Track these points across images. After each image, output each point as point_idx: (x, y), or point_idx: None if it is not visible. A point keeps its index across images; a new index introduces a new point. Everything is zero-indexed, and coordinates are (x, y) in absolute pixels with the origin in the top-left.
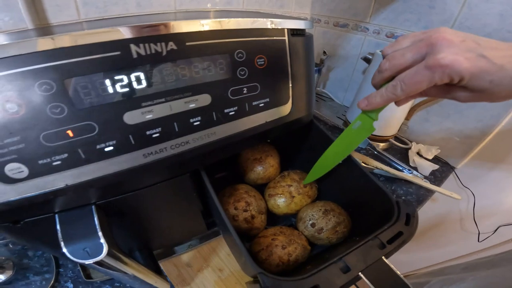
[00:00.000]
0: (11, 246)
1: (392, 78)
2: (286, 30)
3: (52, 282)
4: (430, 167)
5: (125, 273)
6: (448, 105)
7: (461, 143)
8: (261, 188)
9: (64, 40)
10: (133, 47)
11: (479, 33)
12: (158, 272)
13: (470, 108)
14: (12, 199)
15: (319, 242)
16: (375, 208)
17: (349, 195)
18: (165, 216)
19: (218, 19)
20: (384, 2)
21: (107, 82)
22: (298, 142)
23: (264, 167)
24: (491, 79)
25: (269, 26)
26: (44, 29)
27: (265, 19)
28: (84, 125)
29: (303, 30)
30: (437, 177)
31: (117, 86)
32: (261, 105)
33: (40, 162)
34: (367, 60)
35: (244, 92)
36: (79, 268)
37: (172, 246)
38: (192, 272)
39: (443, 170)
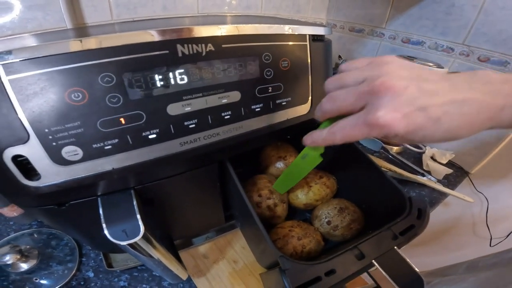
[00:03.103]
0: (35, 235)
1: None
2: (307, 36)
3: (74, 271)
4: (443, 171)
5: (152, 257)
6: None
7: (476, 148)
8: None
9: (125, 38)
10: (179, 47)
11: (495, 39)
12: (179, 260)
13: None
14: (63, 180)
15: (334, 239)
16: (388, 204)
17: (364, 192)
18: (190, 206)
19: (250, 24)
20: (401, 8)
21: (156, 77)
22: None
23: (286, 165)
24: (424, 134)
25: (292, 32)
26: (95, 28)
27: (289, 26)
28: (135, 114)
29: (322, 36)
30: (450, 181)
31: (164, 81)
32: (283, 103)
33: (94, 146)
34: None
35: (270, 91)
36: (101, 257)
37: (191, 237)
38: (208, 263)
39: (457, 174)
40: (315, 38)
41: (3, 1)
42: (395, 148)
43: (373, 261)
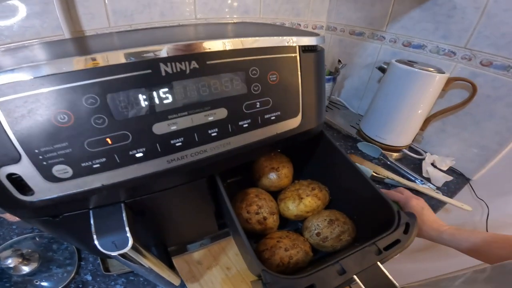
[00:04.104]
0: (37, 239)
1: None
2: (297, 47)
3: (73, 274)
4: (443, 178)
5: (143, 265)
6: (465, 116)
7: (477, 155)
8: (273, 195)
9: (107, 59)
10: (162, 66)
11: (498, 42)
12: (171, 267)
13: (487, 120)
14: (56, 195)
15: (324, 249)
16: (378, 216)
17: (355, 203)
18: (182, 216)
19: (234, 39)
20: (402, 11)
21: (140, 97)
22: (309, 152)
23: (279, 176)
24: None
25: (281, 44)
26: (84, 41)
27: (278, 38)
28: (121, 134)
29: (315, 46)
30: (450, 189)
31: (148, 100)
32: (272, 118)
33: (83, 164)
34: (382, 70)
35: (257, 106)
36: (99, 261)
37: (185, 244)
38: (201, 269)
39: (457, 181)
40: (305, 49)
41: (2, 9)
42: (394, 155)
43: (354, 276)
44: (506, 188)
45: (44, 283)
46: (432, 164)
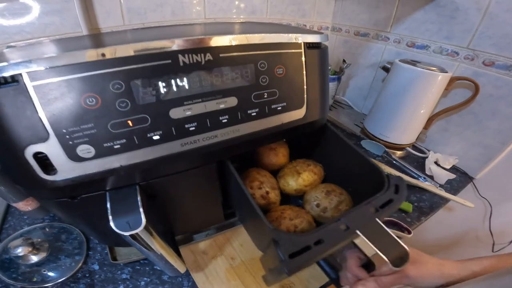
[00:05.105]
0: (47, 229)
1: None
2: (302, 44)
3: (80, 264)
4: (446, 176)
5: (153, 250)
6: (468, 115)
7: (480, 154)
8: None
9: (133, 49)
10: (180, 57)
11: (500, 42)
12: (178, 255)
13: (490, 119)
14: (77, 175)
15: (325, 221)
16: (370, 184)
17: (348, 176)
18: (190, 203)
19: (245, 35)
20: (406, 12)
21: (160, 84)
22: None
23: (277, 155)
24: None
25: (287, 41)
26: (110, 35)
27: (284, 35)
28: (141, 117)
29: (319, 43)
30: (453, 186)
31: (167, 87)
32: (278, 108)
33: (105, 145)
34: (386, 69)
35: (265, 96)
36: (107, 251)
37: (192, 234)
38: (206, 259)
39: (460, 179)
40: (310, 45)
41: (22, 5)
42: (398, 153)
43: (357, 231)
44: (509, 187)
45: (51, 273)
46: (436, 163)
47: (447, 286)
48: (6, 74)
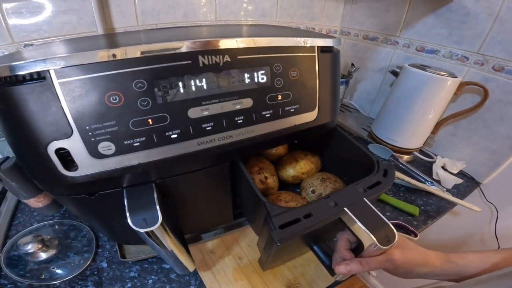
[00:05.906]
0: (57, 226)
1: None
2: (316, 48)
3: (89, 261)
4: (453, 180)
5: (165, 247)
6: (476, 120)
7: (488, 159)
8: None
9: (156, 48)
10: (200, 58)
11: (510, 48)
12: (188, 253)
13: (499, 125)
14: (97, 171)
15: None
16: (363, 172)
17: (344, 166)
18: (202, 201)
19: (262, 38)
20: (415, 16)
21: (180, 84)
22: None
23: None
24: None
25: (302, 44)
26: (130, 35)
27: (299, 38)
28: (161, 116)
29: (331, 47)
30: (460, 191)
31: (187, 87)
32: (291, 110)
33: (125, 142)
34: (395, 74)
35: (279, 98)
36: (116, 248)
37: (200, 233)
38: (214, 258)
39: (467, 184)
40: (323, 49)
41: (40, 4)
42: (405, 157)
43: (345, 208)
44: None
45: (59, 270)
46: (443, 167)
47: (456, 281)
48: (33, 70)
